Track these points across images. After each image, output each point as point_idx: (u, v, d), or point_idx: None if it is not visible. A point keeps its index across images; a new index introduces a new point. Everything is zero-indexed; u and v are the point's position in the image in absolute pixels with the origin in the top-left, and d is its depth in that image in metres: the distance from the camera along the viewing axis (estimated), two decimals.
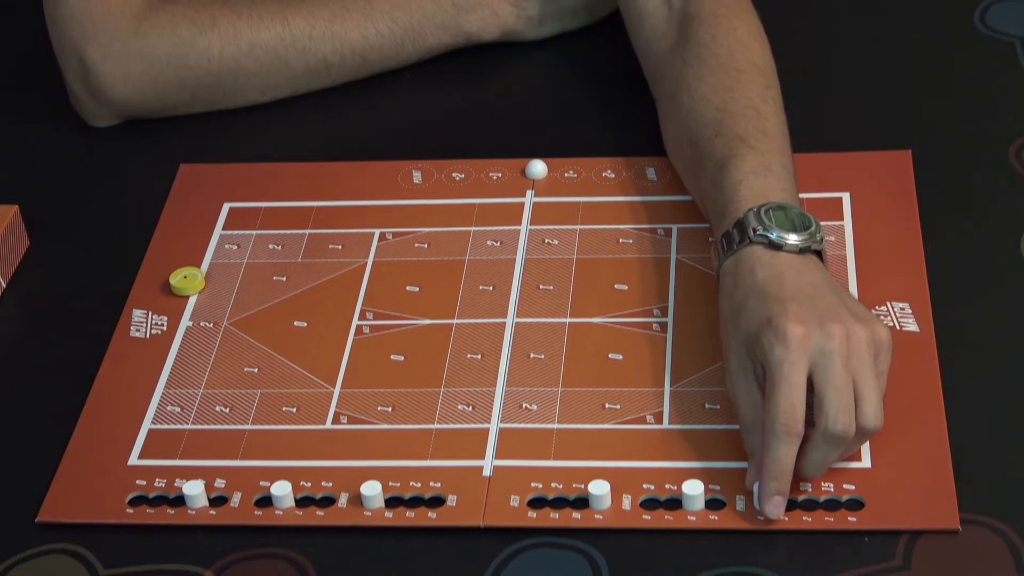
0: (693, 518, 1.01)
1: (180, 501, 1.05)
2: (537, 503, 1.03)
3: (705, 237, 1.19)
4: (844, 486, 1.01)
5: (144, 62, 1.32)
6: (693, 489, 1.01)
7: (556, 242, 1.21)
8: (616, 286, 1.17)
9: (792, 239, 1.05)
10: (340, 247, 1.22)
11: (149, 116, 1.35)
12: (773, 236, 1.05)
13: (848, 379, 0.99)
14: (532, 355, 1.12)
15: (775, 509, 0.99)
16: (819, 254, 1.07)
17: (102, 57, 1.31)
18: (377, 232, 1.23)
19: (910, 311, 1.12)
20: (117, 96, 1.33)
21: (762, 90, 1.18)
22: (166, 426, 1.10)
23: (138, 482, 1.07)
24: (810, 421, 0.99)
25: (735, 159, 1.12)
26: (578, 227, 1.22)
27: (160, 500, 1.06)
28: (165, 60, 1.32)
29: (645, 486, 1.03)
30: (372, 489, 1.03)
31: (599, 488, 1.01)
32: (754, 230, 1.06)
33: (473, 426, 1.08)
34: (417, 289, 1.18)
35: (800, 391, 0.98)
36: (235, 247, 1.24)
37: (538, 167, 1.27)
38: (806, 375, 0.99)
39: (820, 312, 1.00)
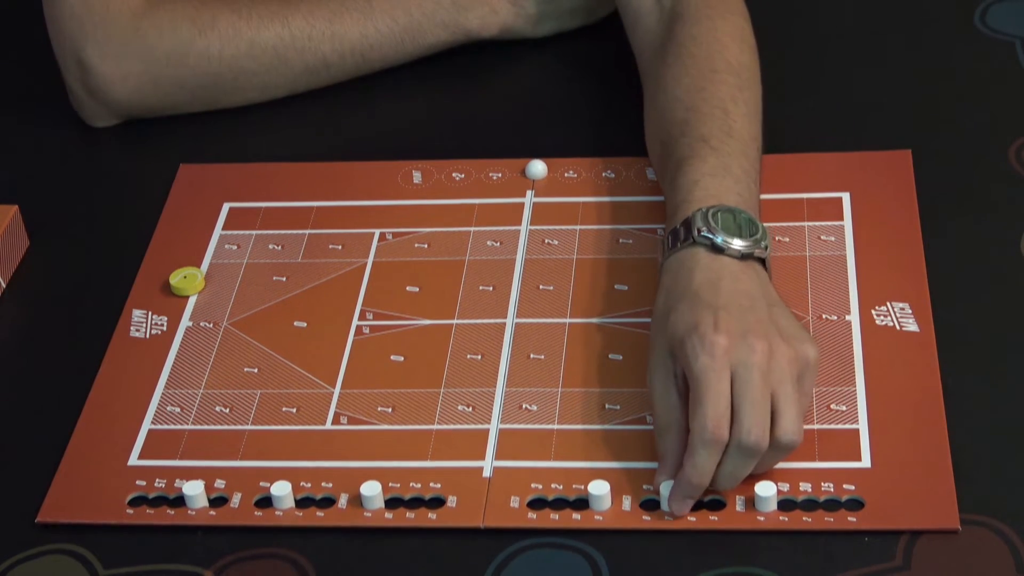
0: (693, 518, 1.01)
1: (180, 501, 1.05)
2: (537, 504, 1.03)
3: None
4: (844, 486, 1.01)
5: (143, 62, 1.32)
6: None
7: (556, 242, 1.21)
8: (616, 286, 1.17)
9: (736, 244, 1.05)
10: (340, 247, 1.22)
11: (149, 116, 1.35)
12: (717, 240, 1.05)
13: (766, 393, 0.99)
14: (532, 355, 1.12)
15: (683, 509, 1.00)
16: (763, 262, 1.07)
17: (101, 57, 1.31)
18: (377, 232, 1.23)
19: (910, 311, 1.12)
20: (116, 96, 1.33)
21: (733, 91, 1.17)
22: (166, 426, 1.10)
23: (138, 482, 1.07)
24: None
25: (694, 160, 1.12)
26: (578, 227, 1.22)
27: (160, 500, 1.05)
28: (164, 60, 1.32)
29: (645, 486, 1.02)
30: (372, 490, 1.03)
31: (599, 489, 1.01)
32: (699, 231, 1.06)
33: (473, 427, 1.08)
34: (417, 289, 1.18)
35: (726, 400, 0.98)
36: (235, 247, 1.24)
37: (538, 167, 1.27)
38: (729, 384, 0.99)
39: (747, 325, 1.01)
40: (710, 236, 1.05)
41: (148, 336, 1.17)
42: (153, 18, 1.31)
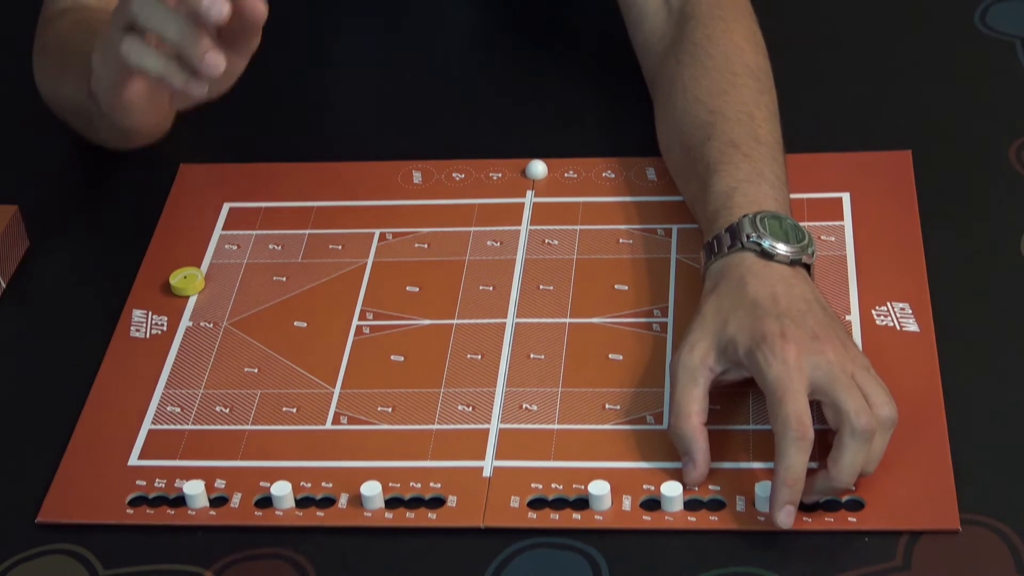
0: (693, 518, 1.01)
1: (180, 501, 1.05)
2: (537, 504, 1.03)
3: None
4: None
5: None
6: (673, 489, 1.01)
7: (556, 242, 1.21)
8: (616, 286, 1.17)
9: (785, 250, 1.05)
10: (340, 247, 1.22)
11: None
12: (766, 244, 1.05)
13: (852, 380, 0.99)
14: (532, 355, 1.12)
15: (787, 518, 0.98)
16: (808, 268, 1.07)
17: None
18: (377, 232, 1.23)
19: (910, 311, 1.12)
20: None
21: (756, 95, 1.17)
22: (166, 426, 1.10)
23: (138, 482, 1.07)
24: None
25: (728, 165, 1.12)
26: (578, 227, 1.22)
27: (160, 500, 1.05)
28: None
29: (645, 486, 1.02)
30: (372, 490, 1.03)
31: (599, 488, 1.01)
32: (748, 236, 1.06)
33: (473, 426, 1.08)
34: (417, 289, 1.18)
35: (804, 399, 0.98)
36: (235, 247, 1.24)
37: (538, 167, 1.27)
38: (806, 385, 0.99)
39: (812, 330, 1.01)
40: (759, 242, 1.05)
41: (148, 336, 1.17)
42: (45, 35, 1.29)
